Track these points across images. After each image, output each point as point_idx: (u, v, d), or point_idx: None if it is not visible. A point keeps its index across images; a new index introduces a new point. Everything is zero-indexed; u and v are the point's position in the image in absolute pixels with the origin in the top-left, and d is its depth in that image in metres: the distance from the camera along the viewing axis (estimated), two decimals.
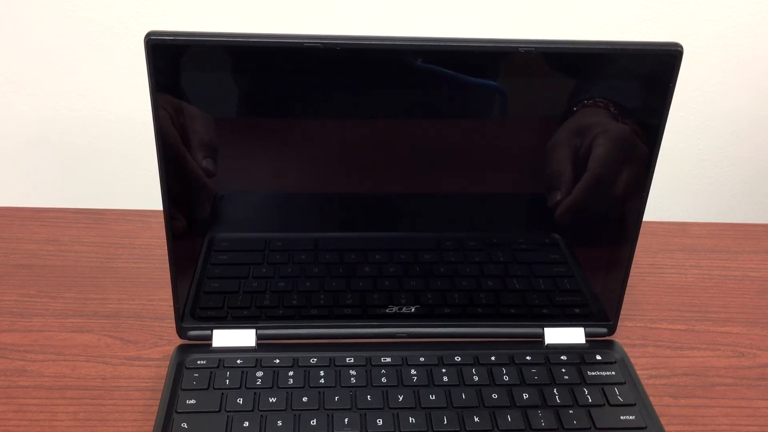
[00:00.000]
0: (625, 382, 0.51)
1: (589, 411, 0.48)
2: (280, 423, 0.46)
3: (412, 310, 0.54)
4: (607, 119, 0.48)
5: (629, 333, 0.58)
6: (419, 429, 0.46)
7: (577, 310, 0.55)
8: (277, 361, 0.51)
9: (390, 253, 0.53)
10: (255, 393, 0.48)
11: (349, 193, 0.51)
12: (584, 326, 0.55)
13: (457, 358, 0.52)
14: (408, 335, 0.54)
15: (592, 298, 0.55)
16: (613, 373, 0.51)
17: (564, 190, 0.50)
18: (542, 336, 0.54)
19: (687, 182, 0.86)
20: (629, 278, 0.53)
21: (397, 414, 0.47)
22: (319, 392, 0.48)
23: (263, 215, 0.53)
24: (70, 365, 0.52)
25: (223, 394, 0.48)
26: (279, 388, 0.49)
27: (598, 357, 0.53)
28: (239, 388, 0.48)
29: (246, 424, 0.46)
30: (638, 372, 0.52)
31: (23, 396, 0.49)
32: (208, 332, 0.52)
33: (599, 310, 0.55)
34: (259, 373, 0.50)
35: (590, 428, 0.47)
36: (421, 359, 0.52)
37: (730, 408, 0.51)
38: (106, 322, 0.56)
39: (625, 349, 0.54)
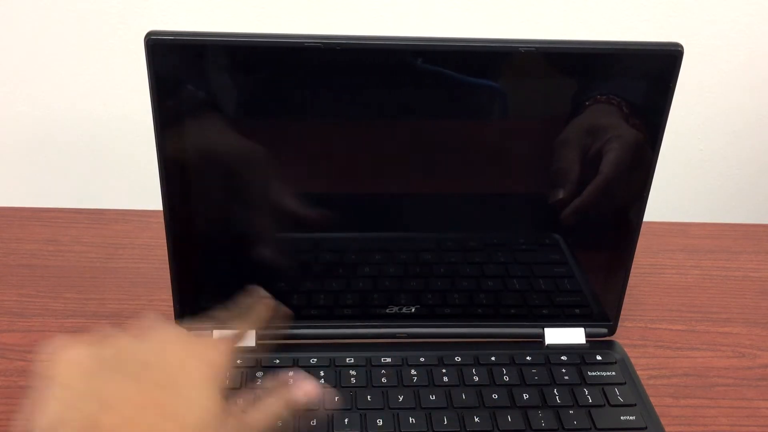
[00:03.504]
0: (625, 383, 0.51)
1: (589, 411, 0.48)
2: (280, 423, 0.46)
3: (413, 310, 0.54)
4: (619, 120, 0.48)
5: (629, 333, 0.58)
6: (419, 429, 0.46)
7: (577, 311, 0.55)
8: (277, 361, 0.51)
9: (390, 254, 0.53)
10: (255, 393, 0.48)
11: (349, 193, 0.51)
12: (584, 326, 0.55)
13: (458, 359, 0.52)
14: (408, 335, 0.54)
15: (593, 299, 0.55)
16: (614, 373, 0.51)
17: (568, 188, 0.50)
18: (542, 336, 0.54)
19: (687, 182, 0.86)
20: (629, 278, 0.53)
21: (397, 414, 0.47)
22: None
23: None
24: None
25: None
26: None
27: (599, 357, 0.53)
28: (239, 388, 0.48)
29: None
30: (638, 372, 0.52)
31: (23, 396, 0.49)
32: (208, 332, 0.52)
33: (599, 310, 0.55)
34: (259, 373, 0.50)
35: (590, 428, 0.47)
36: (421, 359, 0.52)
37: (730, 408, 0.51)
38: (106, 322, 0.56)
39: (626, 350, 0.54)
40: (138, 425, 0.32)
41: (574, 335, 0.55)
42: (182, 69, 0.44)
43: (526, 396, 0.49)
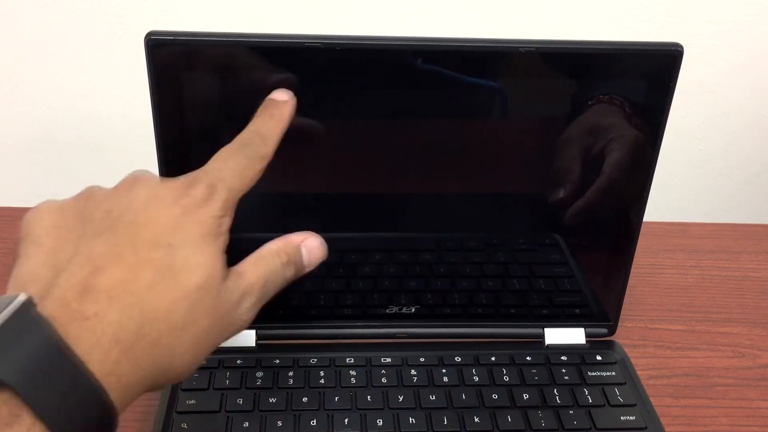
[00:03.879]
0: (625, 383, 0.51)
1: (589, 411, 0.48)
2: (280, 423, 0.46)
3: (412, 310, 0.54)
4: (621, 120, 0.48)
5: (629, 333, 0.58)
6: (419, 429, 0.46)
7: (577, 311, 0.55)
8: (277, 361, 0.51)
9: (390, 254, 0.53)
10: (255, 393, 0.48)
11: (349, 193, 0.51)
12: (584, 327, 0.55)
13: (458, 359, 0.52)
14: (408, 335, 0.54)
15: (593, 299, 0.55)
16: (614, 373, 0.51)
17: (569, 188, 0.50)
18: (542, 336, 0.54)
19: (687, 182, 0.86)
20: (629, 278, 0.53)
21: (397, 414, 0.47)
22: (319, 392, 0.48)
23: (263, 216, 0.53)
24: None
25: (223, 394, 0.48)
26: (279, 388, 0.49)
27: (599, 357, 0.53)
28: (239, 388, 0.48)
29: (246, 424, 0.46)
30: (638, 372, 0.52)
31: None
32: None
33: (599, 310, 0.55)
34: (259, 374, 0.50)
35: (590, 429, 0.47)
36: (421, 359, 0.52)
37: (730, 408, 0.51)
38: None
39: (626, 350, 0.54)
40: (134, 285, 0.30)
41: (574, 335, 0.55)
42: (182, 69, 0.44)
43: (526, 396, 0.49)
